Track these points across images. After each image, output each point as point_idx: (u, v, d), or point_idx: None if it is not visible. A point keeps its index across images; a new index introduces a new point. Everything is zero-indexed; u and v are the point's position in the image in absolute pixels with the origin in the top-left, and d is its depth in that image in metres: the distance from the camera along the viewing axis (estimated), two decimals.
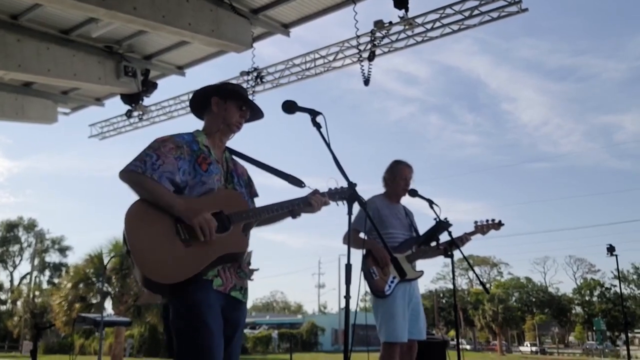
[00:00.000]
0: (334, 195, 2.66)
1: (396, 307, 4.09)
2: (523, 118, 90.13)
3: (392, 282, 4.12)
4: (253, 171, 2.80)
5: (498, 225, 4.51)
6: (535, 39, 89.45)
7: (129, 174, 2.35)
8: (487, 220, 4.51)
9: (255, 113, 2.75)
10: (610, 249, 9.66)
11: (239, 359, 2.50)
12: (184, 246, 2.27)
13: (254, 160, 2.77)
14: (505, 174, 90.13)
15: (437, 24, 7.40)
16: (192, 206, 2.34)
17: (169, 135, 2.51)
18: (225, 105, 2.63)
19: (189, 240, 2.29)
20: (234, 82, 8.82)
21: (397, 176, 4.46)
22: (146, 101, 9.88)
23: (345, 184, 2.54)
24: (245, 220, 2.49)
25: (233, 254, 2.41)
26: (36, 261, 49.48)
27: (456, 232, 4.33)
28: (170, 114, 10.57)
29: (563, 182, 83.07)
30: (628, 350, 9.87)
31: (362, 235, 4.22)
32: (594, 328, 51.46)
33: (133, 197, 2.37)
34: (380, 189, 4.60)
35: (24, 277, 52.22)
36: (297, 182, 2.73)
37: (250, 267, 2.57)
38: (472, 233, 4.47)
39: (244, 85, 8.68)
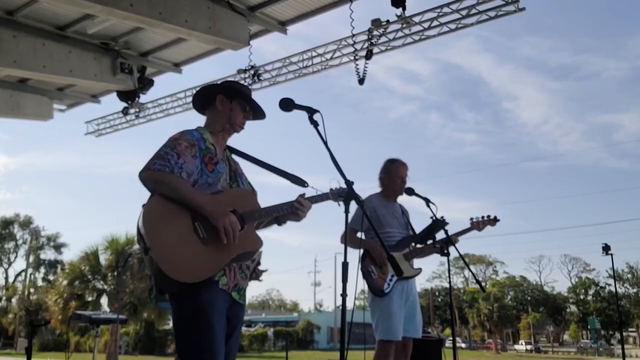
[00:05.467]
0: (336, 195, 2.65)
1: (393, 305, 4.09)
2: (523, 117, 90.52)
3: (390, 280, 4.13)
4: (254, 170, 2.79)
5: (494, 221, 4.50)
6: (537, 37, 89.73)
7: (156, 174, 2.31)
8: (483, 217, 4.51)
9: (258, 113, 2.74)
10: (606, 248, 9.65)
11: (236, 355, 2.50)
12: (202, 245, 2.26)
13: (256, 159, 2.75)
14: (503, 172, 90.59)
15: (435, 22, 7.40)
16: (218, 207, 2.33)
17: (179, 133, 2.48)
18: (230, 105, 2.62)
19: (207, 238, 2.28)
20: (230, 80, 8.81)
21: (393, 174, 4.46)
22: (142, 98, 9.85)
23: (343, 183, 2.54)
24: (258, 219, 2.50)
25: (248, 253, 2.42)
26: (31, 258, 49.32)
27: (453, 230, 4.35)
28: (167, 112, 10.52)
29: (561, 181, 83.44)
30: (623, 348, 9.89)
31: (359, 234, 4.22)
32: (589, 327, 51.71)
33: (129, 195, 2.35)
34: (378, 188, 4.59)
35: (19, 274, 52.14)
36: (300, 182, 2.72)
37: (260, 268, 2.58)
38: (468, 229, 4.47)
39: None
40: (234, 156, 2.74)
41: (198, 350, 2.23)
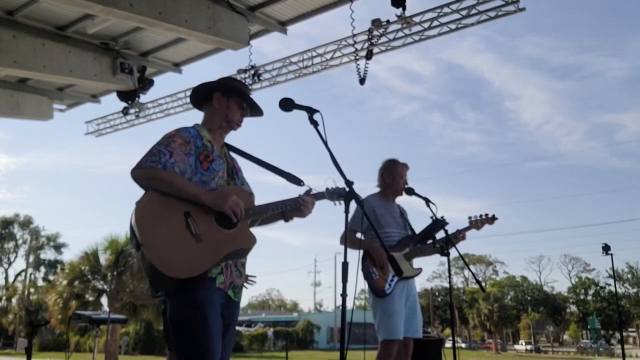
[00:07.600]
0: (332, 194, 2.65)
1: (394, 305, 4.10)
2: (525, 116, 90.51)
3: (391, 280, 4.13)
4: (251, 168, 2.79)
5: (492, 219, 4.49)
6: (539, 37, 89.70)
7: (148, 171, 2.32)
8: (481, 215, 4.50)
9: (255, 110, 2.75)
10: (606, 248, 9.68)
11: (230, 352, 2.50)
12: (195, 241, 2.27)
13: (253, 157, 2.75)
14: (505, 172, 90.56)
15: (435, 22, 7.40)
16: (217, 193, 2.36)
17: (175, 130, 2.49)
18: (227, 102, 2.63)
19: (200, 234, 2.29)
20: (227, 77, 8.82)
21: (397, 175, 4.46)
22: (142, 98, 9.86)
23: (342, 183, 2.54)
24: (252, 217, 2.51)
25: (241, 250, 2.43)
26: (31, 258, 49.29)
27: (453, 230, 4.34)
28: (167, 111, 10.53)
29: (562, 181, 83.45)
30: (623, 348, 9.90)
31: (358, 235, 4.22)
32: (589, 327, 51.69)
33: (129, 195, 2.35)
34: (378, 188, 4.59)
35: (19, 274, 52.00)
36: (296, 181, 2.72)
37: (249, 276, 2.58)
38: (467, 229, 4.46)
39: None
40: (231, 153, 2.74)
41: (195, 348, 2.23)
